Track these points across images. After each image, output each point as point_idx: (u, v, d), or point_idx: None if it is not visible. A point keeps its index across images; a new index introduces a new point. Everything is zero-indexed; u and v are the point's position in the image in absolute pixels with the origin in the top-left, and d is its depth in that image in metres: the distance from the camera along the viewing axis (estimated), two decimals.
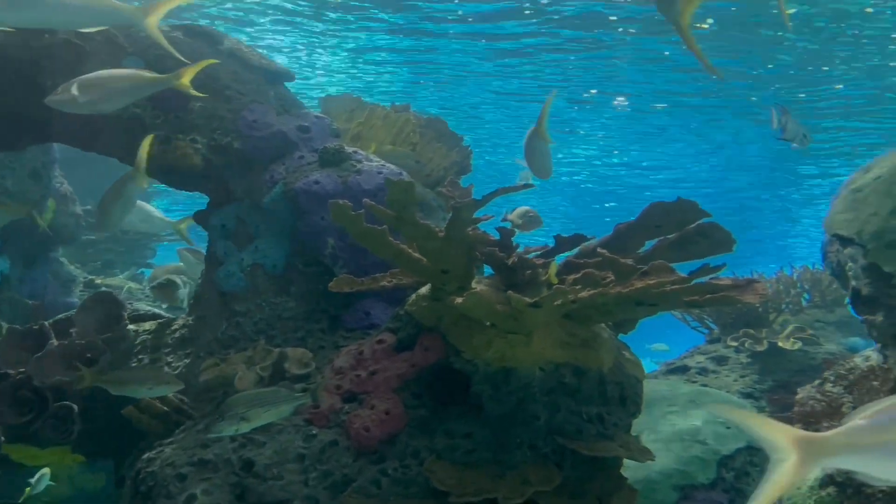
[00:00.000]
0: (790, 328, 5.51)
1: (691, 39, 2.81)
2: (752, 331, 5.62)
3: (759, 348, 5.42)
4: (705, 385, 5.57)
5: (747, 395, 5.19)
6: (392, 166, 4.10)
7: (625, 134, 15.98)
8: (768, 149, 15.59)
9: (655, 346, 8.62)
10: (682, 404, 5.27)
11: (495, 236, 3.36)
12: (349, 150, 4.06)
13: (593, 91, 12.99)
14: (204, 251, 4.41)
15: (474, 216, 3.22)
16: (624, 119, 14.92)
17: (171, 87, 3.41)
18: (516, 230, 3.72)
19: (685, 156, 17.40)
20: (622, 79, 12.27)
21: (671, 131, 15.39)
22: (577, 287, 2.73)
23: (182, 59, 3.53)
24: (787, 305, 6.01)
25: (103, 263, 9.93)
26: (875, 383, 3.26)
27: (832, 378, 3.78)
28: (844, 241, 3.37)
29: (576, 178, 20.91)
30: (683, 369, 5.90)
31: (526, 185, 3.20)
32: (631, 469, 4.74)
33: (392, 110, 4.77)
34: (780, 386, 5.17)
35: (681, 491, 4.64)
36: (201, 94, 3.56)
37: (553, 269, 3.16)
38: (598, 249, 3.07)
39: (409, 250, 3.14)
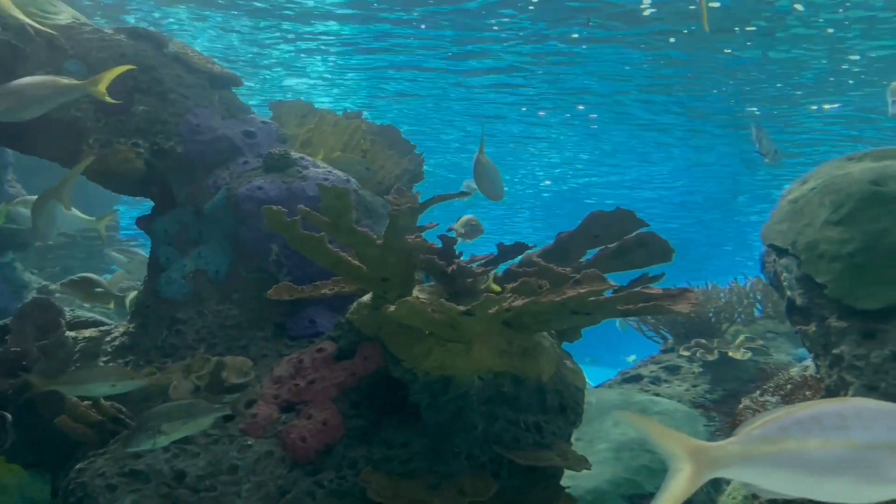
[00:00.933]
0: (741, 338, 5.61)
1: None
2: (703, 341, 5.71)
3: (711, 358, 5.51)
4: (657, 394, 5.64)
5: (698, 405, 5.27)
6: (339, 173, 4.10)
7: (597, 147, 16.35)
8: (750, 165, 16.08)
9: (631, 358, 8.76)
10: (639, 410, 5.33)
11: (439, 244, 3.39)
12: (295, 155, 4.05)
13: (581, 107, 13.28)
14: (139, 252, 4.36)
15: (419, 223, 3.26)
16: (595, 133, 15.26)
17: (88, 94, 3.37)
18: (459, 239, 3.75)
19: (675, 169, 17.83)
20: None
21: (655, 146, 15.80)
22: (509, 295, 2.75)
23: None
24: (739, 316, 6.12)
25: (62, 269, 9.78)
26: (808, 393, 3.34)
27: (771, 388, 3.86)
28: (780, 252, 3.44)
29: (544, 190, 21.28)
30: (637, 378, 5.97)
31: (463, 194, 3.22)
32: (581, 478, 4.78)
33: (344, 117, 4.76)
34: (730, 395, 5.24)
35: (629, 500, 4.69)
36: (115, 101, 3.54)
37: (492, 277, 3.19)
38: (534, 258, 3.10)
39: (349, 258, 3.15)
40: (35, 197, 5.06)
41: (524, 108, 13.65)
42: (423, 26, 10.03)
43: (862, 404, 1.61)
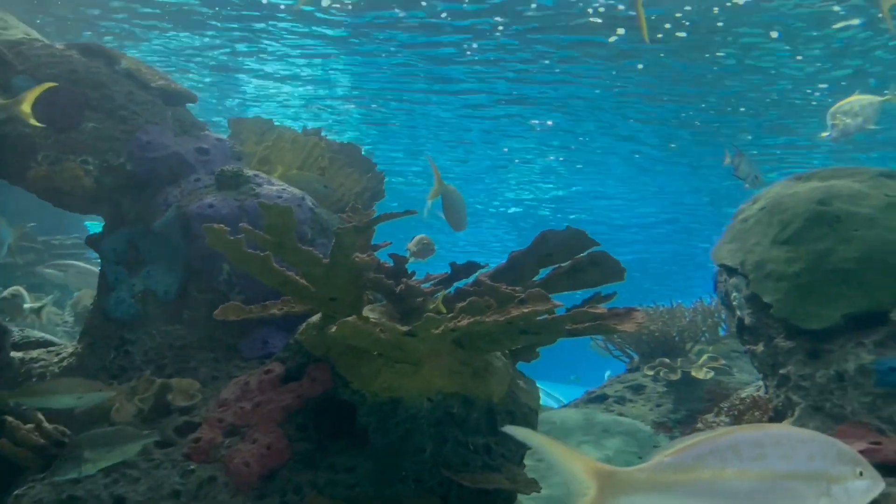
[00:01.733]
0: (704, 358, 5.63)
1: None
2: (667, 360, 5.73)
3: (674, 377, 5.52)
4: (622, 414, 5.64)
5: (660, 424, 5.27)
6: (294, 190, 4.08)
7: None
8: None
9: (609, 374, 8.85)
10: (597, 434, 5.31)
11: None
12: (249, 173, 4.02)
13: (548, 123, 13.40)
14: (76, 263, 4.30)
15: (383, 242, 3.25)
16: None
17: (12, 115, 3.34)
18: (411, 258, 3.75)
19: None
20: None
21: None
22: (451, 315, 2.74)
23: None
24: (704, 335, 6.15)
25: (28, 286, 9.65)
26: (758, 414, 3.35)
27: (725, 408, 3.87)
28: (730, 271, 3.47)
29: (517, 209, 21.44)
30: (602, 398, 5.97)
31: (408, 212, 3.22)
32: (542, 500, 4.74)
33: (303, 134, 4.75)
34: (693, 415, 5.25)
35: None
36: (39, 124, 3.51)
37: (441, 297, 3.17)
38: (482, 278, 3.10)
39: (296, 277, 3.12)
40: None
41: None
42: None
43: (781, 432, 1.60)
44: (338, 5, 9.03)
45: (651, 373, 5.77)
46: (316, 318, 3.41)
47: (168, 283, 3.91)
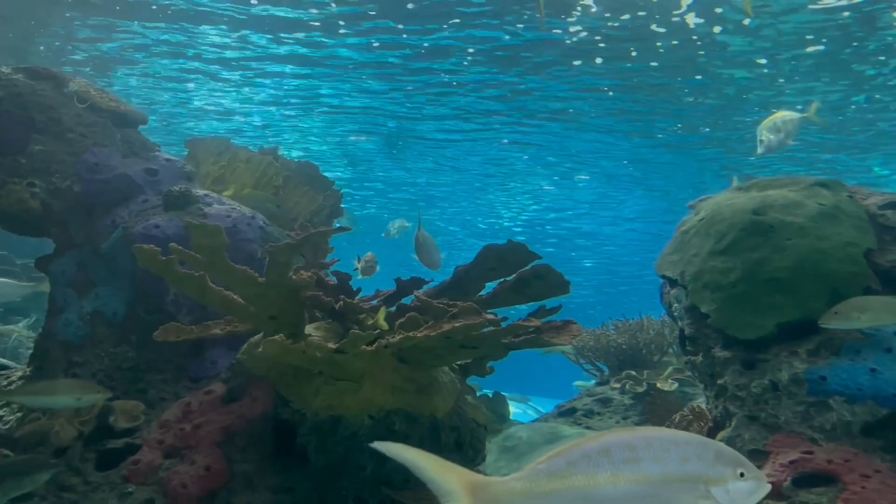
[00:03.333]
0: (669, 370, 5.65)
1: None
2: (633, 372, 5.75)
3: (640, 390, 5.54)
4: (589, 427, 5.64)
5: None
6: (244, 209, 4.10)
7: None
8: None
9: (578, 383, 8.82)
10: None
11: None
12: (199, 192, 4.05)
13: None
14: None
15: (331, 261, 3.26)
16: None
17: None
18: (353, 275, 3.77)
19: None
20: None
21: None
22: (376, 331, 2.76)
23: None
24: (671, 346, 6.16)
25: (5, 310, 9.61)
26: (701, 424, 3.37)
27: (677, 420, 3.89)
28: (672, 282, 3.50)
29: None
30: (572, 411, 5.96)
31: (343, 228, 3.25)
32: None
33: (259, 153, 4.78)
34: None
35: None
36: None
37: (382, 314, 3.19)
38: (419, 294, 3.12)
39: (233, 297, 3.13)
40: None
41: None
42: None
43: (653, 434, 1.58)
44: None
45: (618, 385, 5.79)
46: (257, 337, 3.42)
47: (116, 305, 3.91)
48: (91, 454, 3.28)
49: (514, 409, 7.78)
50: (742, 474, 1.54)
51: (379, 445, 1.52)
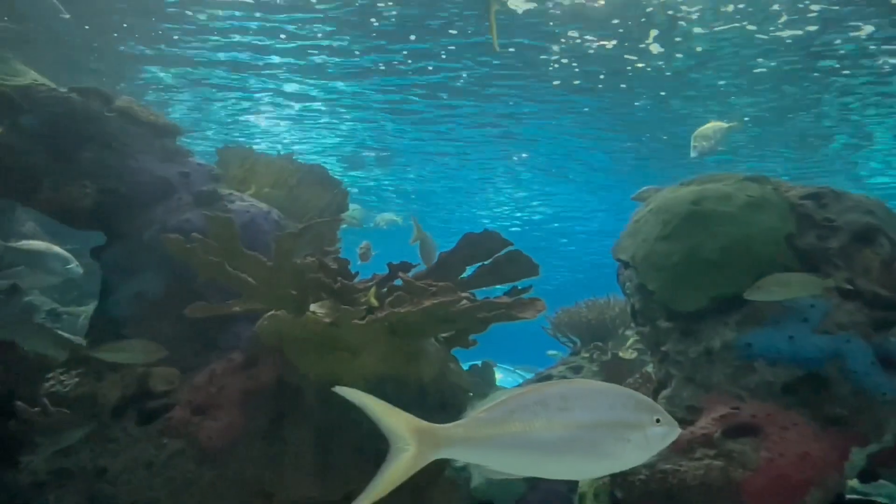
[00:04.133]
0: (630, 341, 5.62)
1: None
2: (600, 344, 5.72)
3: (605, 358, 5.50)
4: None
5: None
6: (262, 205, 4.09)
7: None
8: None
9: (551, 352, 8.81)
10: None
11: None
12: (224, 191, 4.04)
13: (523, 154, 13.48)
14: None
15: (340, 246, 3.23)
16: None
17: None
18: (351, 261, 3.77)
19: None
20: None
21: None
22: (363, 308, 2.74)
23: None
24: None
25: (80, 294, 9.65)
26: (648, 386, 3.33)
27: (631, 382, 3.85)
28: (625, 265, 3.45)
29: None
30: (548, 378, 5.94)
31: (338, 219, 3.22)
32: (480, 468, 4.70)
33: (276, 158, 4.77)
34: None
35: (528, 481, 4.62)
36: None
37: (372, 293, 3.17)
38: (404, 276, 3.10)
39: (248, 278, 3.12)
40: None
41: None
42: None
43: (584, 387, 1.56)
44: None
45: (587, 355, 5.75)
46: (270, 313, 3.41)
47: (156, 287, 3.91)
48: (133, 412, 3.29)
49: (501, 375, 7.76)
50: (658, 420, 1.52)
51: (338, 389, 1.50)
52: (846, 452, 2.56)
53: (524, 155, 13.94)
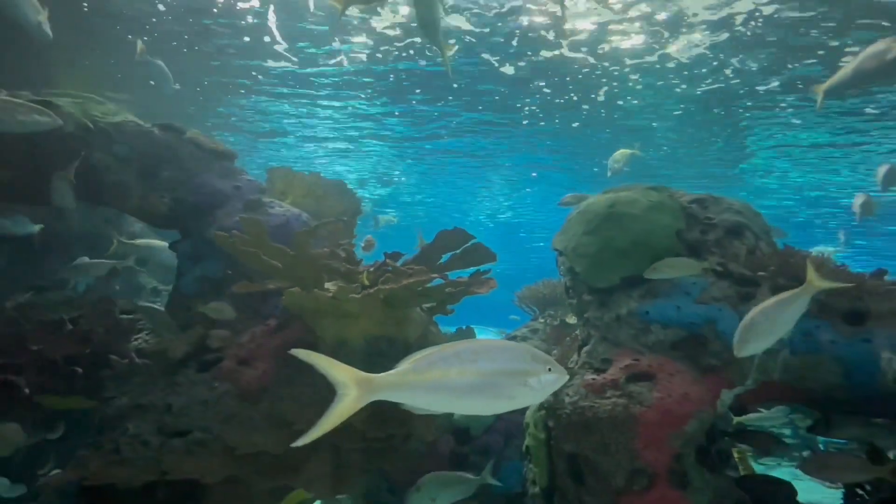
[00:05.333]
0: None
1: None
2: (552, 312, 5.67)
3: (555, 323, 5.45)
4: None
5: (546, 352, 5.18)
6: (295, 210, 4.07)
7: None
8: None
9: (512, 317, 8.76)
10: None
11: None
12: (266, 200, 4.03)
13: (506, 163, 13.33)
14: None
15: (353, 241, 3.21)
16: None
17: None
18: (361, 251, 3.76)
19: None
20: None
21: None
22: (355, 286, 2.71)
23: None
24: None
25: (173, 275, 9.53)
26: (575, 344, 3.29)
27: (567, 341, 3.81)
28: (560, 253, 3.40)
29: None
30: (514, 338, 5.90)
31: (339, 220, 3.18)
32: None
33: (308, 175, 4.74)
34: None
35: (495, 414, 4.59)
36: None
37: (365, 275, 3.14)
38: (391, 262, 3.07)
39: (276, 264, 3.11)
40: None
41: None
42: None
43: (491, 344, 1.52)
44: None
45: (543, 321, 5.69)
46: (293, 289, 3.39)
47: (216, 271, 3.91)
48: (194, 363, 3.30)
49: (489, 336, 7.71)
50: (550, 369, 1.49)
51: (294, 352, 1.42)
52: (718, 393, 2.51)
53: (504, 170, 13.80)
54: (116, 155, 3.88)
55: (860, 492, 2.49)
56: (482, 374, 1.43)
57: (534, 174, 14.15)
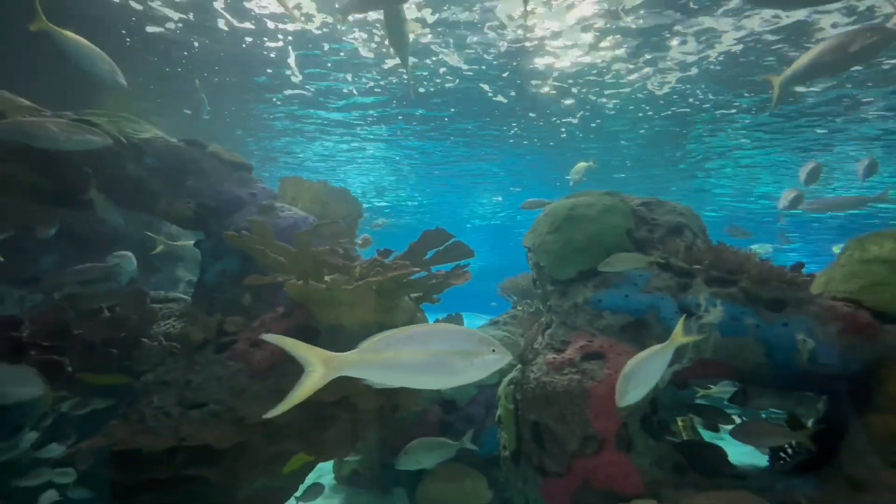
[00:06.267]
0: None
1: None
2: (528, 301, 5.63)
3: (531, 310, 5.42)
4: (508, 331, 5.52)
5: (522, 335, 5.14)
6: (303, 213, 4.02)
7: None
8: None
9: (493, 304, 8.75)
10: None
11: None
12: (278, 205, 3.98)
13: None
14: None
15: (358, 243, 3.15)
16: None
17: None
18: (358, 247, 3.73)
19: None
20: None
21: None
22: (346, 278, 2.67)
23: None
24: None
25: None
26: (540, 328, 3.24)
27: (535, 326, 3.77)
28: (529, 250, 3.35)
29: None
30: (496, 322, 5.86)
31: (334, 222, 3.12)
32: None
33: (315, 183, 4.69)
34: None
35: (477, 388, 4.55)
36: None
37: (358, 269, 3.10)
38: (380, 259, 3.02)
39: (282, 260, 3.07)
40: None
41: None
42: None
43: (443, 327, 1.48)
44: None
45: (521, 307, 5.65)
46: (292, 280, 3.34)
47: (234, 266, 3.87)
48: (211, 345, 3.26)
49: (472, 321, 7.69)
50: (493, 351, 1.44)
51: (266, 336, 1.39)
52: None
53: (496, 177, 13.75)
54: (146, 166, 3.83)
55: (783, 455, 2.46)
56: (433, 353, 1.40)
57: (517, 189, 14.08)
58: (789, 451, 2.44)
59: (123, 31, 5.65)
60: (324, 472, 5.05)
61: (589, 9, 5.14)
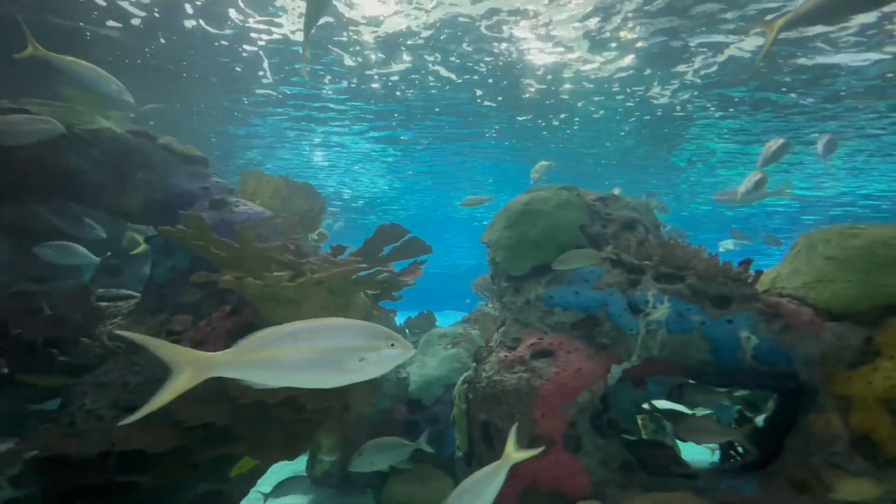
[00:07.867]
0: None
1: None
2: None
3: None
4: (474, 329, 5.44)
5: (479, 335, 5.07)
6: (259, 208, 3.87)
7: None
8: None
9: (467, 301, 8.72)
10: (452, 339, 5.12)
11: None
12: (231, 199, 3.82)
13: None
14: None
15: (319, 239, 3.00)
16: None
17: None
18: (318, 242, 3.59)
19: None
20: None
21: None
22: (288, 274, 2.54)
23: None
24: None
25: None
26: (497, 325, 3.16)
27: (490, 324, 3.68)
28: (487, 245, 3.27)
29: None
30: (468, 320, 5.78)
31: (278, 216, 2.99)
32: (418, 374, 4.53)
33: (276, 177, 4.53)
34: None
35: (444, 387, 4.47)
36: None
37: (308, 265, 2.97)
38: (325, 255, 2.90)
39: (224, 255, 2.92)
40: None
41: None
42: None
43: (331, 322, 1.33)
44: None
45: (492, 305, 5.58)
46: (227, 277, 3.20)
47: (184, 263, 3.71)
48: None
49: (453, 318, 7.60)
50: (392, 345, 1.32)
51: (122, 333, 1.24)
52: (608, 368, 2.41)
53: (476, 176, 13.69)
54: (91, 158, 3.64)
55: (733, 453, 2.42)
56: (317, 350, 1.28)
57: (490, 180, 13.99)
58: (740, 449, 2.40)
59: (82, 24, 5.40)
60: (298, 471, 4.91)
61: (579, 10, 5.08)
